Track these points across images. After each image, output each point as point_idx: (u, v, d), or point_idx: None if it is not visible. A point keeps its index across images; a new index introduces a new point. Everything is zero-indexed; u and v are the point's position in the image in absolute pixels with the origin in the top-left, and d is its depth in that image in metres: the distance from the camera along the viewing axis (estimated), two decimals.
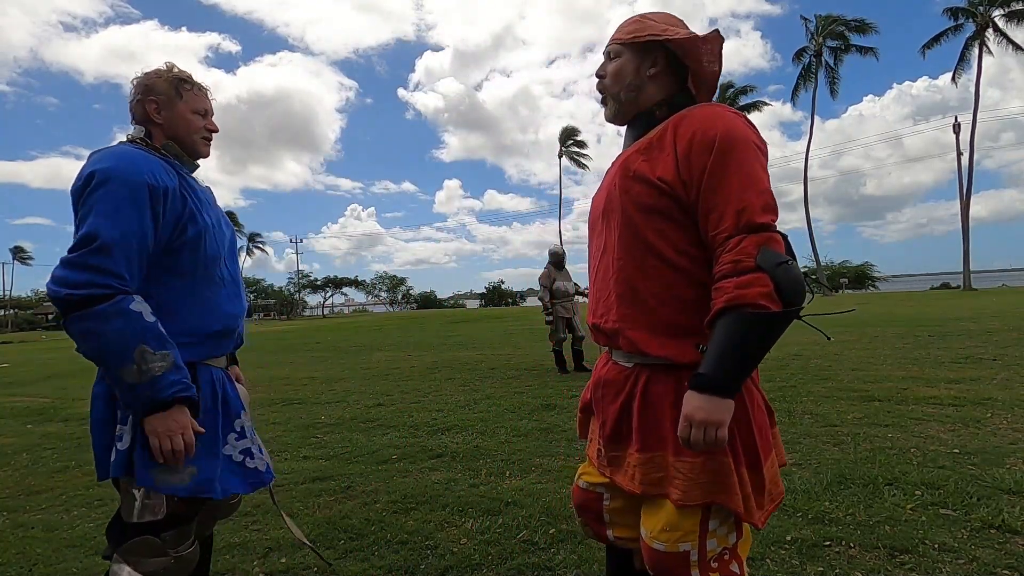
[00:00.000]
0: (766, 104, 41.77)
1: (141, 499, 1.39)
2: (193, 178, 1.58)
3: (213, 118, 1.64)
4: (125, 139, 1.53)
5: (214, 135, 1.64)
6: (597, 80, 1.37)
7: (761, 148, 1.20)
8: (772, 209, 1.14)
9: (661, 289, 1.22)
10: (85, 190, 1.34)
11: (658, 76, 1.29)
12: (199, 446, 1.43)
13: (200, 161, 1.64)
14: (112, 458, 1.38)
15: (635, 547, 1.41)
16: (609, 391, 1.34)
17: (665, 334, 1.22)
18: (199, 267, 1.49)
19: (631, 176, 1.25)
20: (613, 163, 1.38)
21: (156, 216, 1.38)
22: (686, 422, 1.12)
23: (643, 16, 1.33)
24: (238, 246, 1.81)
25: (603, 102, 1.37)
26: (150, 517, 1.39)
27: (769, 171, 1.21)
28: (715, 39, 1.27)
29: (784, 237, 1.16)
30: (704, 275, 1.20)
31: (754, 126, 1.23)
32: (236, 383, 1.67)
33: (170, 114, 1.53)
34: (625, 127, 1.38)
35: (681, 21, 1.33)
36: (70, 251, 1.31)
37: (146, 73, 1.55)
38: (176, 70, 1.57)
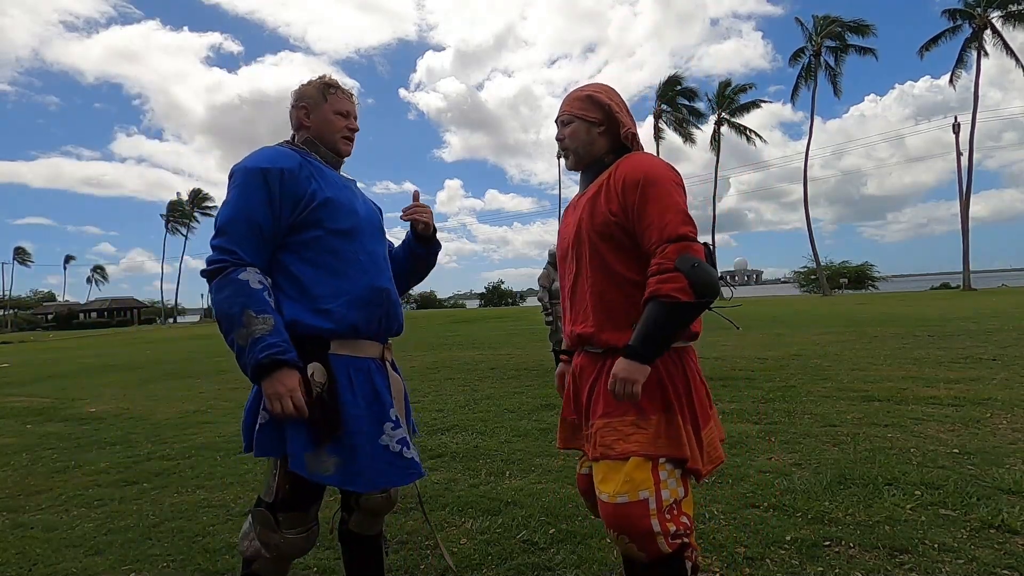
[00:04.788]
0: (766, 102, 41.71)
1: (266, 481, 1.60)
2: (327, 166, 1.70)
3: (357, 120, 1.78)
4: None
5: (355, 133, 1.78)
6: (558, 142, 1.71)
7: (678, 182, 1.55)
8: (689, 223, 1.47)
9: (624, 299, 1.54)
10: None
11: (604, 133, 1.65)
12: (346, 439, 1.52)
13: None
14: (254, 438, 1.53)
15: None
16: (583, 375, 1.63)
17: (630, 331, 1.49)
18: (329, 240, 1.60)
19: (594, 212, 1.57)
20: (574, 203, 1.72)
21: (270, 193, 1.54)
22: (613, 378, 1.45)
23: (588, 91, 1.67)
24: (383, 232, 1.87)
25: (564, 156, 1.72)
26: (266, 498, 1.58)
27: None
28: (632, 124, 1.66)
29: (705, 246, 1.48)
30: None
31: (672, 167, 1.57)
32: (392, 373, 1.73)
33: (317, 116, 1.71)
34: (580, 174, 1.72)
35: (613, 90, 1.69)
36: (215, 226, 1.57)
37: (301, 84, 1.75)
38: (327, 77, 1.75)
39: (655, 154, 1.62)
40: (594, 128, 1.65)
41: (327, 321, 1.56)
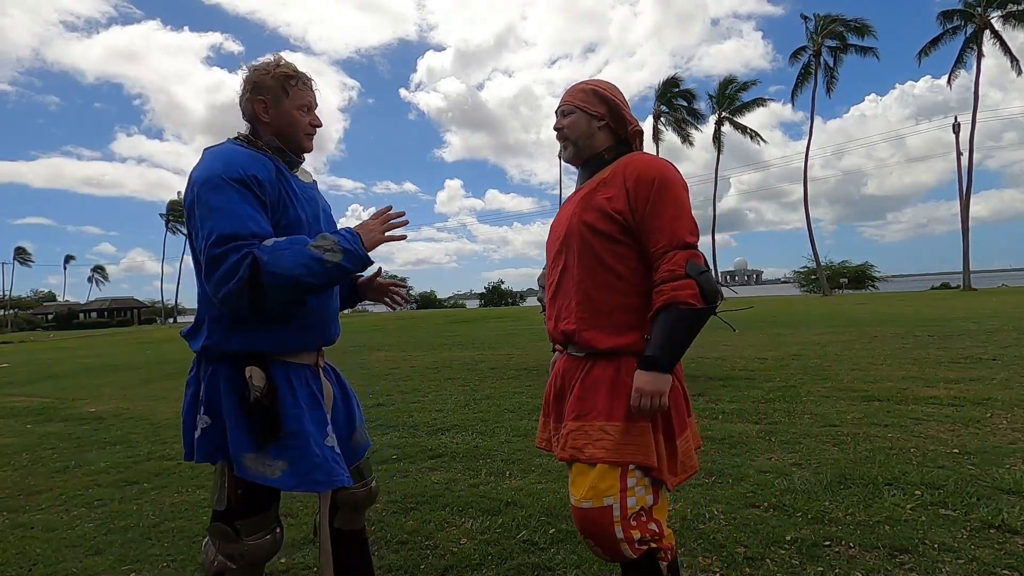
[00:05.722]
0: (770, 100, 41.62)
1: (216, 490, 1.54)
2: (293, 174, 1.60)
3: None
4: (232, 137, 1.59)
5: (318, 130, 1.67)
6: (556, 132, 1.68)
7: (685, 187, 1.55)
8: (696, 233, 1.51)
9: (612, 297, 1.53)
10: (194, 199, 1.43)
11: (604, 128, 1.64)
12: (290, 440, 1.48)
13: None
14: (194, 444, 1.51)
15: None
16: (562, 380, 1.64)
17: (613, 333, 1.52)
18: None
19: (591, 207, 1.55)
20: (570, 198, 1.70)
21: (260, 201, 1.44)
22: (637, 393, 1.43)
23: (591, 85, 1.65)
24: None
25: (563, 147, 1.69)
26: (219, 508, 1.53)
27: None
28: (638, 131, 1.65)
29: (702, 254, 1.50)
30: (646, 286, 1.51)
31: (679, 170, 1.57)
32: (323, 380, 1.69)
33: (277, 112, 1.56)
34: (579, 168, 1.69)
35: (617, 87, 1.68)
36: (204, 252, 1.37)
37: (254, 68, 1.57)
38: (283, 63, 1.58)
39: (656, 155, 1.63)
40: (595, 121, 1.63)
41: (272, 344, 1.51)
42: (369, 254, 1.51)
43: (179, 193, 73.17)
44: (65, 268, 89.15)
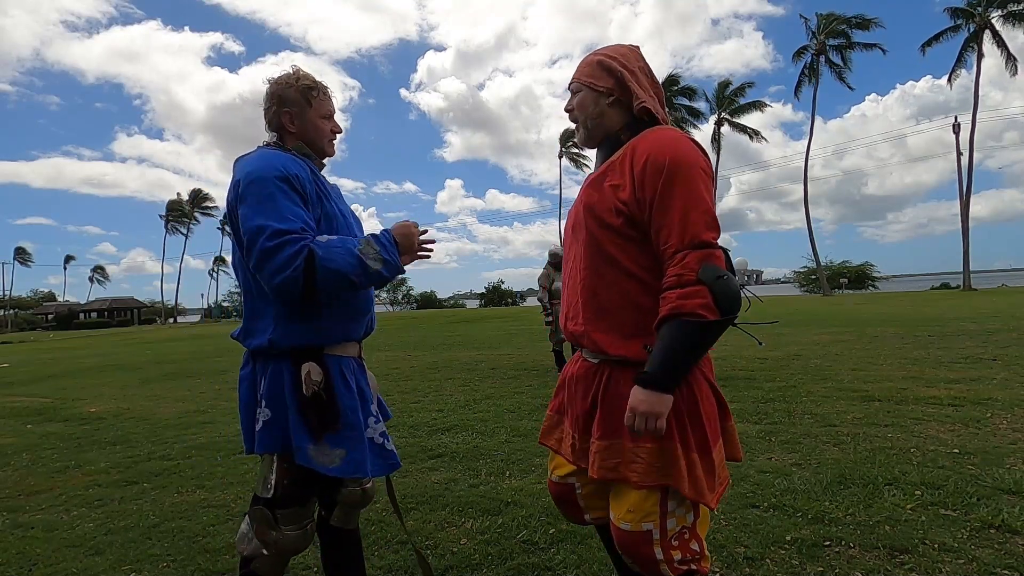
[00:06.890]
0: (767, 105, 41.61)
1: (263, 478, 1.60)
2: (321, 176, 1.71)
3: (336, 118, 1.74)
4: (262, 144, 1.68)
5: (339, 135, 1.76)
6: (567, 113, 1.54)
7: (706, 171, 1.34)
8: (714, 227, 1.29)
9: (620, 297, 1.38)
10: (237, 197, 1.52)
11: (615, 104, 1.45)
12: (346, 431, 1.58)
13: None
14: (255, 436, 1.57)
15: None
16: (580, 387, 1.50)
17: (624, 336, 1.37)
18: None
19: (598, 196, 1.41)
20: (585, 181, 1.53)
21: (303, 196, 1.53)
22: (631, 412, 1.28)
23: (600, 55, 1.48)
24: None
25: (575, 130, 1.53)
26: (264, 495, 1.60)
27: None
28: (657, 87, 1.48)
29: (725, 252, 1.31)
30: (659, 285, 1.32)
31: (702, 149, 1.36)
32: (366, 371, 1.79)
33: (302, 122, 1.66)
34: (595, 150, 1.53)
35: (634, 53, 1.49)
36: (250, 246, 1.45)
37: (276, 82, 1.66)
38: (303, 75, 1.67)
39: (674, 129, 1.43)
40: (603, 98, 1.44)
41: (324, 337, 1.60)
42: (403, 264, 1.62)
43: (178, 193, 73.21)
44: (65, 268, 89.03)
